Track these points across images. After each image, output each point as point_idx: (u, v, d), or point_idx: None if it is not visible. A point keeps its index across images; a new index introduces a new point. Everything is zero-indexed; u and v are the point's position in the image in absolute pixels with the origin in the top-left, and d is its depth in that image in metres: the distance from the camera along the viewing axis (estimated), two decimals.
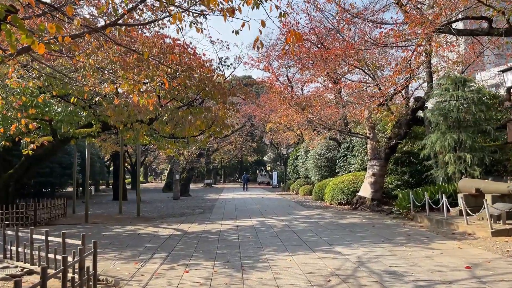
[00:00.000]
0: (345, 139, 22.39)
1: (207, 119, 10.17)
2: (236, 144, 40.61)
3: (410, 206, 12.34)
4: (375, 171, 15.11)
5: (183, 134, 10.13)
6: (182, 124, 9.86)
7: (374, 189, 15.07)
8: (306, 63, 16.43)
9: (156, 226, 12.21)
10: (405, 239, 8.78)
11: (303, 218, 13.06)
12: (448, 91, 12.96)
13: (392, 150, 15.09)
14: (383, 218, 12.63)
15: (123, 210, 17.47)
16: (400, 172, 16.49)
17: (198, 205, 19.76)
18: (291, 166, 32.11)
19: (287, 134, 33.91)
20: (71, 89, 8.26)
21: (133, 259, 7.54)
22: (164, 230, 11.22)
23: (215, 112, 10.23)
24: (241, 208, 17.48)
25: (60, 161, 20.40)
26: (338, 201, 16.90)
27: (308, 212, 14.89)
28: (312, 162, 23.84)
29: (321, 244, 8.46)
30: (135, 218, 14.47)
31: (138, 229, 11.64)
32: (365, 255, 7.27)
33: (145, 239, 9.72)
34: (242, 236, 9.85)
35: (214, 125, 10.41)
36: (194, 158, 26.49)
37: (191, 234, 10.38)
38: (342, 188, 16.75)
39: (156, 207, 18.65)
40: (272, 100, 29.03)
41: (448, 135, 12.51)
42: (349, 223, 11.56)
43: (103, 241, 9.62)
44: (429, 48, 8.77)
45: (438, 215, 11.32)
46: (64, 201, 15.20)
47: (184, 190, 27.62)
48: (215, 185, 49.91)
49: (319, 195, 20.10)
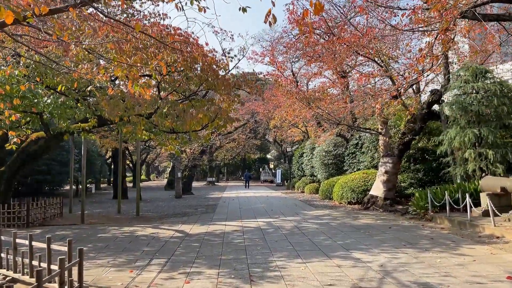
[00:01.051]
0: (353, 135, 21.56)
1: (210, 111, 9.37)
2: (239, 141, 39.85)
3: (428, 206, 11.52)
4: (388, 169, 14.28)
5: (184, 128, 9.32)
6: (183, 118, 9.06)
7: (386, 188, 14.25)
8: (314, 54, 15.61)
9: (156, 227, 11.44)
10: (429, 243, 7.96)
11: (313, 219, 12.26)
12: (468, 83, 12.12)
13: (406, 147, 14.25)
14: (398, 219, 11.81)
15: (123, 209, 16.72)
16: (414, 170, 15.66)
17: (201, 204, 18.99)
18: (296, 163, 31.29)
19: (292, 131, 33.13)
20: (59, 76, 7.47)
21: (129, 265, 6.76)
22: (164, 232, 10.45)
23: (219, 104, 9.42)
24: (246, 207, 16.70)
25: (57, 158, 19.65)
26: (348, 200, 16.08)
27: (317, 212, 14.08)
28: (318, 159, 23.01)
29: (337, 249, 7.66)
30: (134, 218, 13.71)
31: (136, 230, 10.87)
32: (389, 262, 6.46)
33: (143, 242, 8.95)
34: (248, 239, 9.05)
35: (217, 119, 9.61)
36: (196, 156, 25.71)
37: (193, 237, 9.60)
38: (352, 186, 15.93)
39: (157, 206, 17.90)
40: (276, 96, 28.30)
41: (468, 130, 11.67)
42: (363, 225, 10.75)
43: (98, 244, 8.86)
44: (455, 32, 7.94)
45: (460, 216, 10.50)
46: (60, 200, 14.45)
47: (187, 188, 26.86)
48: (218, 183, 49.17)
49: (326, 193, 19.28)
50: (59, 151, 19.97)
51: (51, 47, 7.81)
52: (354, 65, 15.69)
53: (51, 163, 19.58)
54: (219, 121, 9.78)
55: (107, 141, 18.05)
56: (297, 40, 19.64)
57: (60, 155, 19.67)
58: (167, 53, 9.23)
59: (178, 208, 16.81)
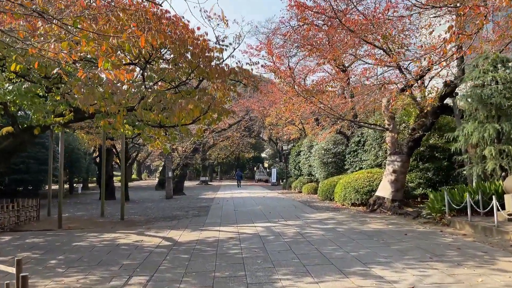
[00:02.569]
0: (354, 132, 20.42)
1: (202, 102, 8.12)
2: (233, 139, 38.56)
3: (444, 209, 10.38)
4: (396, 168, 13.13)
5: (172, 121, 8.06)
6: (171, 109, 7.80)
7: (394, 188, 13.10)
8: (315, 43, 14.41)
9: (141, 233, 10.17)
10: (458, 255, 6.80)
11: (316, 223, 11.06)
12: (487, 72, 10.99)
13: (416, 143, 13.11)
14: (411, 224, 10.66)
15: (108, 212, 15.40)
16: (422, 169, 14.54)
17: (193, 205, 17.72)
18: (292, 162, 30.09)
19: (288, 128, 31.92)
20: (17, 54, 6.15)
21: (101, 286, 5.51)
22: (150, 240, 9.18)
23: (211, 93, 8.17)
24: (241, 209, 15.46)
25: (36, 156, 18.23)
26: (352, 202, 14.92)
27: (320, 215, 12.89)
28: (317, 158, 21.83)
29: (352, 262, 6.46)
30: (118, 223, 12.41)
31: (118, 237, 9.58)
32: (420, 282, 5.27)
33: (123, 253, 7.69)
34: (246, 249, 7.82)
35: (210, 110, 8.36)
36: (188, 154, 24.41)
37: (182, 246, 8.35)
38: (356, 187, 14.76)
39: (145, 208, 16.59)
40: (272, 91, 27.07)
41: (488, 125, 10.54)
42: (374, 231, 9.57)
43: (70, 255, 7.58)
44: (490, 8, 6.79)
45: (482, 221, 9.39)
46: (37, 202, 13.12)
47: (178, 188, 25.56)
48: (211, 182, 47.85)
49: (327, 194, 18.11)
50: (38, 148, 18.54)
51: (14, 24, 6.52)
52: (356, 56, 14.47)
53: (29, 162, 18.16)
54: (212, 113, 8.53)
55: (92, 137, 16.70)
56: (295, 31, 18.47)
57: (40, 152, 18.25)
58: (151, 34, 7.98)
59: (167, 211, 15.53)
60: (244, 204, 17.77)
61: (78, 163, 25.18)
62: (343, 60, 19.36)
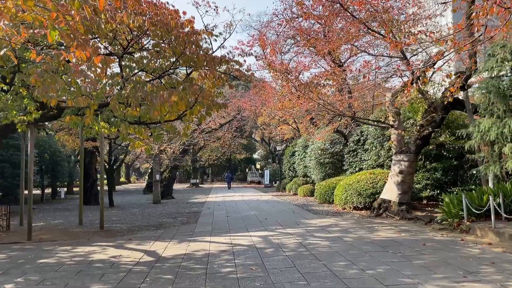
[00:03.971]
0: (351, 132, 19.34)
1: (188, 93, 6.90)
2: (224, 140, 37.29)
3: (462, 214, 9.29)
4: (402, 168, 12.04)
5: (153, 117, 6.82)
6: (151, 102, 6.57)
7: (401, 191, 12.01)
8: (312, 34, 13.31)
9: (121, 246, 8.90)
10: (497, 272, 5.68)
11: (319, 231, 9.90)
12: (506, 62, 9.95)
13: (425, 141, 12.04)
14: (424, 230, 9.55)
15: (88, 219, 14.08)
16: (430, 169, 13.47)
17: (182, 211, 16.44)
18: (287, 163, 28.94)
19: (282, 127, 30.81)
20: None
21: None
22: (129, 254, 7.93)
23: (200, 82, 6.94)
24: (234, 215, 14.23)
25: (10, 159, 16.76)
26: (354, 206, 13.79)
27: (321, 221, 11.73)
28: (313, 158, 20.70)
29: (372, 284, 5.29)
30: (96, 232, 11.11)
31: (93, 252, 8.31)
32: None
33: (96, 273, 6.43)
34: (241, 266, 6.61)
35: (198, 104, 7.15)
36: (177, 156, 23.11)
37: (166, 262, 7.12)
38: (358, 189, 13.64)
39: (129, 215, 15.27)
40: (265, 89, 25.90)
41: (508, 120, 9.49)
42: (387, 240, 8.43)
43: (31, 277, 6.31)
44: None
45: (507, 226, 8.32)
46: (7, 210, 11.76)
47: (166, 192, 24.22)
48: (202, 185, 46.50)
49: (325, 197, 16.98)
50: (12, 151, 17.08)
51: None
52: (358, 48, 13.37)
53: (4, 165, 16.70)
54: (200, 106, 7.30)
55: (71, 138, 15.34)
56: (288, 22, 17.32)
57: (15, 155, 16.81)
58: (127, 14, 6.77)
59: (153, 217, 14.24)
60: (237, 208, 16.55)
61: (60, 167, 23.70)
62: (339, 54, 18.31)
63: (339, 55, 16.52)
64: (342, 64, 18.23)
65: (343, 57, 20.24)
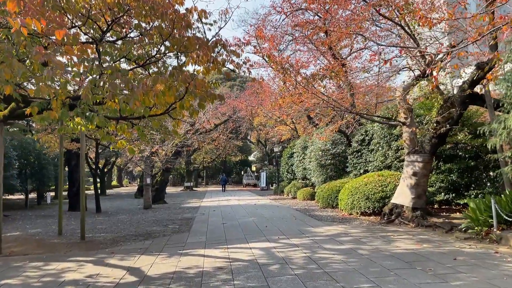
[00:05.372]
0: (353, 132, 18.26)
1: (178, 81, 5.74)
2: (219, 142, 36.07)
3: (492, 222, 8.19)
4: (416, 169, 10.94)
5: (133, 108, 5.62)
6: (132, 91, 5.39)
7: (415, 194, 10.90)
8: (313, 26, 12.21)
9: (101, 261, 7.68)
10: None
11: (328, 242, 8.73)
12: None
13: (441, 140, 10.94)
14: (448, 240, 8.43)
15: (70, 228, 12.83)
16: (444, 171, 12.39)
17: (173, 217, 15.21)
18: (285, 165, 27.79)
19: (279, 128, 29.70)
20: None
21: None
22: (109, 273, 6.72)
23: (192, 65, 5.75)
24: (231, 222, 13.04)
25: None
26: (361, 211, 12.66)
27: (328, 229, 10.57)
28: (314, 160, 19.57)
29: None
30: (76, 244, 9.87)
31: (67, 270, 7.09)
32: None
33: None
34: None
35: (189, 94, 5.98)
36: (169, 158, 21.87)
37: (152, 284, 5.92)
38: (366, 193, 12.52)
39: (115, 222, 14.02)
40: (263, 88, 24.77)
41: None
42: (409, 253, 7.29)
43: None
44: None
45: None
46: None
47: (158, 196, 22.96)
48: (197, 188, 45.19)
49: (328, 201, 15.84)
50: None
51: None
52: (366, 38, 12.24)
53: None
54: (192, 98, 6.11)
55: (51, 138, 14.08)
56: (289, 14, 16.23)
57: None
58: None
59: (142, 225, 13.00)
60: (234, 214, 15.36)
61: (46, 170, 22.38)
62: (341, 48, 17.22)
63: (341, 49, 15.44)
64: (344, 60, 17.14)
65: (344, 52, 19.19)
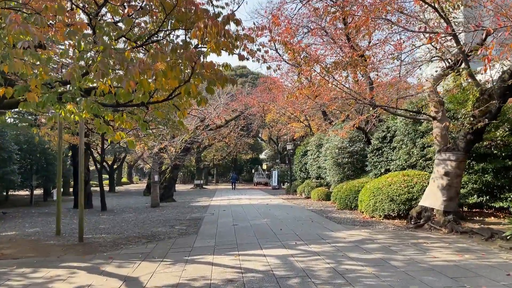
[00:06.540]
0: (371, 129, 17.16)
1: (182, 58, 4.81)
2: (230, 139, 35.17)
3: None
4: (449, 169, 9.84)
5: (126, 89, 4.68)
6: (127, 70, 4.45)
7: (447, 197, 9.81)
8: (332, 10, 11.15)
9: (95, 269, 6.79)
10: None
11: (353, 250, 7.70)
12: None
13: (477, 137, 9.82)
14: (491, 250, 7.35)
15: (70, 227, 12.05)
16: (477, 171, 11.24)
17: (181, 217, 14.33)
18: (298, 163, 26.75)
19: (292, 125, 28.66)
20: None
21: None
22: (102, 284, 5.82)
23: (196, 36, 4.77)
24: (242, 223, 12.09)
25: None
26: (385, 214, 11.60)
27: (350, 234, 9.53)
28: (330, 158, 18.50)
29: None
30: (73, 246, 9.02)
31: (56, 278, 6.21)
32: None
33: None
34: None
35: (195, 75, 5.05)
36: (178, 154, 21.02)
37: None
38: (390, 194, 11.44)
39: (120, 222, 13.18)
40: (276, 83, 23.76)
41: None
42: (451, 266, 6.23)
43: None
44: None
45: None
46: None
47: (167, 194, 22.13)
48: (207, 186, 44.42)
49: (346, 202, 14.79)
50: None
51: None
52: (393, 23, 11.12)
53: None
54: (198, 81, 5.16)
55: (54, 133, 13.30)
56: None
57: None
58: None
59: (147, 225, 12.13)
60: (245, 215, 14.40)
61: (52, 166, 21.75)
62: (361, 38, 16.09)
63: (362, 38, 14.31)
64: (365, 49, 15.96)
65: (362, 45, 18.05)
